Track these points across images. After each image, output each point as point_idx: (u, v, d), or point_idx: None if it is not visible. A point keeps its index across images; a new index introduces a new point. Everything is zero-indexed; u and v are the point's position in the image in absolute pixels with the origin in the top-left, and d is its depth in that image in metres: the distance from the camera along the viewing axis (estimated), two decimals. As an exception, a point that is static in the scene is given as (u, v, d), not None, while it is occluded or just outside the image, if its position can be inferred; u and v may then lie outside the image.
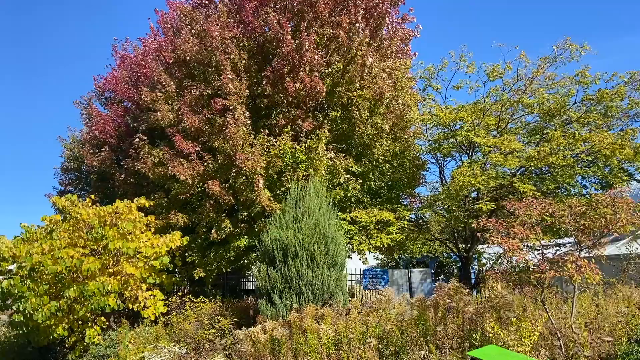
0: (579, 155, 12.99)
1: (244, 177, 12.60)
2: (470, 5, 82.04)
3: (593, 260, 7.34)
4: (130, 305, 11.31)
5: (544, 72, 14.40)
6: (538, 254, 7.94)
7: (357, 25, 13.76)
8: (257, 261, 12.35)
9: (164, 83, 14.12)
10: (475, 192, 14.12)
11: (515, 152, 12.92)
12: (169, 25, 16.02)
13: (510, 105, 14.29)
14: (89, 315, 11.05)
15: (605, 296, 9.33)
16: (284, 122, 13.66)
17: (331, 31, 13.91)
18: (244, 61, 13.81)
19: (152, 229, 12.54)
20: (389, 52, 15.21)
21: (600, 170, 13.00)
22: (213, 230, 13.14)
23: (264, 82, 13.65)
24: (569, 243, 10.69)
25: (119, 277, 11.10)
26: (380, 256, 22.18)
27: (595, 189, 13.29)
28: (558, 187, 13.53)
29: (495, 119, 14.17)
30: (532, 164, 12.77)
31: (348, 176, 13.45)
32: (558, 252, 8.36)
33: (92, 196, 12.81)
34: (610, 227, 6.95)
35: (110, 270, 11.24)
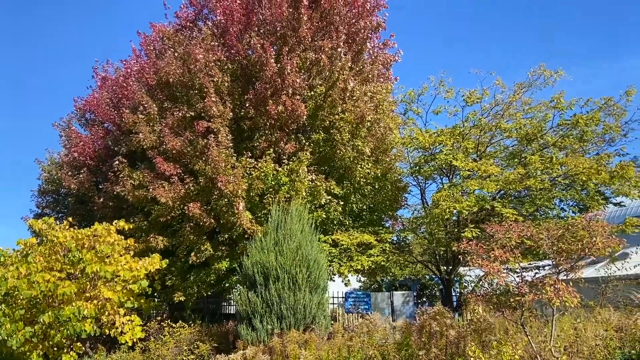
0: (556, 178, 13.22)
1: (226, 200, 12.54)
2: (449, 32, 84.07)
3: (571, 283, 7.43)
4: (107, 331, 11.04)
5: (520, 97, 14.72)
6: (518, 276, 8.01)
7: (339, 50, 13.99)
8: (238, 285, 12.21)
9: (145, 105, 14.08)
10: (456, 216, 14.23)
11: (494, 176, 13.10)
12: (152, 48, 16.07)
13: (488, 130, 14.55)
14: (64, 341, 10.75)
15: (584, 319, 9.42)
16: (266, 145, 13.70)
17: (314, 55, 14.10)
18: (227, 84, 13.89)
19: (131, 252, 12.34)
20: (370, 76, 15.46)
21: (577, 193, 13.23)
22: (192, 253, 12.99)
23: (246, 105, 13.72)
24: (549, 265, 10.81)
25: (95, 301, 10.85)
26: (362, 279, 22.09)
27: (573, 212, 13.50)
28: (537, 210, 13.71)
29: (474, 142, 14.39)
30: (511, 188, 12.95)
31: (329, 198, 13.48)
32: (537, 275, 8.44)
33: (70, 219, 12.59)
34: (587, 250, 7.06)
35: (87, 294, 10.99)
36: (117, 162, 13.97)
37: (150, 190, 12.92)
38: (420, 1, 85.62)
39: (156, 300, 14.43)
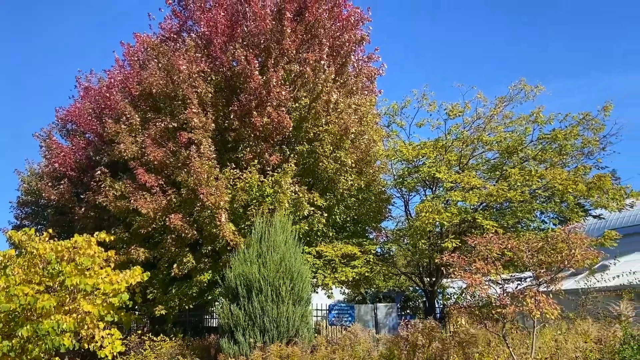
0: (536, 191, 13.42)
1: (208, 211, 12.46)
2: (433, 46, 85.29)
3: (551, 294, 7.52)
4: (86, 345, 10.82)
5: (501, 111, 14.97)
6: (500, 288, 8.08)
7: (323, 62, 14.08)
8: (220, 297, 12.10)
9: (128, 115, 13.99)
10: (439, 227, 14.33)
11: (476, 189, 13.24)
12: (136, 58, 15.99)
13: (470, 142, 14.73)
14: (42, 355, 10.50)
15: (565, 331, 9.52)
16: (251, 156, 13.68)
17: (298, 68, 14.17)
18: (210, 95, 13.86)
19: (112, 265, 12.15)
20: (354, 88, 15.58)
21: (557, 205, 13.43)
22: (174, 266, 12.85)
23: (231, 116, 13.70)
24: (530, 277, 10.94)
25: (75, 315, 10.64)
26: (346, 291, 22.05)
27: (554, 224, 13.69)
28: (518, 222, 13.87)
29: (457, 155, 14.56)
30: (492, 200, 13.10)
31: (312, 209, 13.48)
32: (519, 287, 8.53)
33: (50, 230, 12.36)
34: (566, 263, 7.17)
35: (67, 307, 10.78)
36: (98, 172, 13.82)
37: (132, 201, 12.79)
38: (404, 15, 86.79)
39: (137, 313, 14.21)
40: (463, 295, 13.55)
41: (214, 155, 13.05)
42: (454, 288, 17.30)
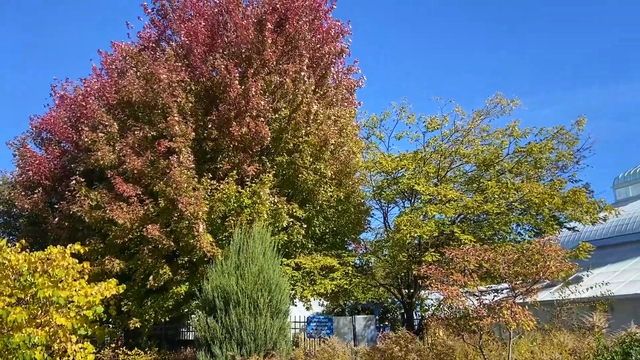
0: (513, 203, 13.62)
1: (186, 222, 12.32)
2: (413, 55, 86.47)
3: (527, 307, 7.61)
4: (58, 359, 10.55)
5: (479, 125, 15.21)
6: (477, 300, 8.15)
7: (303, 73, 14.13)
8: (197, 310, 11.93)
9: (106, 123, 13.79)
10: (418, 239, 14.40)
11: (453, 201, 13.39)
12: (114, 67, 15.83)
13: (448, 155, 14.91)
14: (12, 370, 10.18)
15: (540, 342, 9.63)
16: (229, 166, 13.61)
17: (278, 78, 14.20)
18: (190, 104, 13.79)
19: (86, 276, 11.89)
20: (334, 100, 15.67)
21: (533, 218, 13.65)
22: (150, 277, 12.64)
23: (209, 126, 13.63)
24: (507, 289, 11.05)
25: (47, 328, 10.37)
26: (325, 303, 21.96)
27: (530, 236, 13.90)
28: (495, 234, 14.05)
29: (435, 167, 14.71)
30: (470, 212, 13.25)
31: (292, 220, 13.44)
32: (496, 298, 8.61)
33: (23, 241, 12.06)
34: (542, 274, 7.27)
35: (39, 320, 10.50)
36: (74, 181, 13.56)
37: (108, 211, 12.58)
38: (384, 24, 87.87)
39: (111, 326, 13.90)
40: (441, 307, 13.61)
41: (193, 166, 12.95)
42: (432, 300, 17.37)
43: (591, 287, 14.71)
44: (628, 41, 69.72)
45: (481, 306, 7.59)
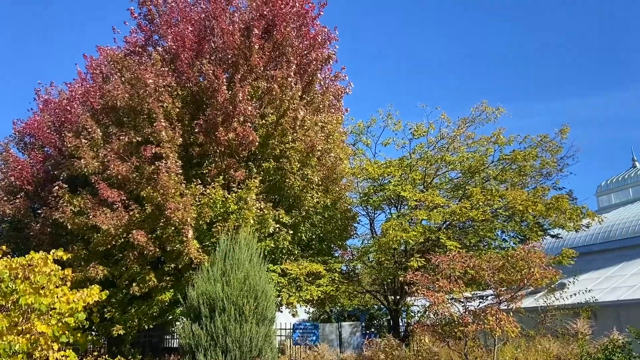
0: (497, 210, 13.75)
1: (173, 228, 12.21)
2: (398, 67, 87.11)
3: (511, 313, 7.66)
4: (39, 367, 10.34)
5: (464, 132, 15.37)
6: (462, 306, 8.17)
7: (290, 80, 14.14)
8: (182, 317, 11.80)
9: (90, 129, 13.62)
10: (404, 246, 14.46)
11: (440, 207, 13.47)
12: (99, 71, 15.69)
13: (434, 162, 15.04)
14: (-9, 378, 9.97)
15: (525, 348, 9.68)
16: (216, 172, 13.53)
17: (265, 84, 14.19)
18: (177, 109, 13.70)
19: (69, 283, 11.71)
20: (321, 106, 15.69)
21: (517, 225, 13.79)
22: (135, 284, 12.48)
23: (196, 131, 13.56)
24: (492, 295, 11.12)
25: (28, 335, 10.18)
26: (311, 309, 21.90)
27: (514, 243, 14.04)
28: (480, 241, 14.16)
29: (421, 174, 14.80)
30: (455, 219, 13.34)
31: (278, 226, 13.38)
32: (481, 305, 8.65)
33: (4, 247, 11.85)
34: (526, 281, 7.32)
35: (20, 328, 10.30)
36: (57, 187, 13.36)
37: (91, 217, 12.41)
38: (371, 28, 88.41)
39: (94, 334, 13.67)
40: (426, 313, 13.65)
41: (180, 171, 12.86)
42: (417, 306, 17.42)
43: (575, 294, 14.86)
44: (615, 50, 70.93)
45: (466, 313, 7.62)
